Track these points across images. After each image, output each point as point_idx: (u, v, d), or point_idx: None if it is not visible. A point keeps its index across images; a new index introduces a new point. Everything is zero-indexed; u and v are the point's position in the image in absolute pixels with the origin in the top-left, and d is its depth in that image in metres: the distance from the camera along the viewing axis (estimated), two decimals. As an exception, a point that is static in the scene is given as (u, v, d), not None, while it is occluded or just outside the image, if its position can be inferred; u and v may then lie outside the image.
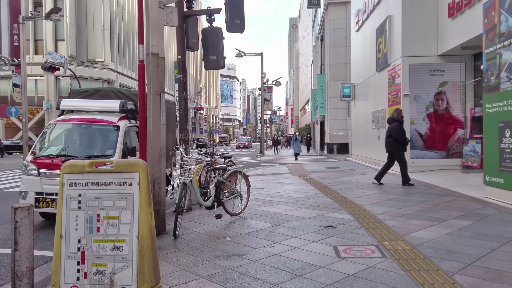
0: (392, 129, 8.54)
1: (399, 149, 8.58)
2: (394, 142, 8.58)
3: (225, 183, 5.51)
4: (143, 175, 2.52)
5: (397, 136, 8.49)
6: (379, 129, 13.50)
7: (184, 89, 6.43)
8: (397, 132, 8.46)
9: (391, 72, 11.90)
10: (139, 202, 2.48)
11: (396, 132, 8.46)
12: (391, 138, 8.61)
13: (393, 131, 8.51)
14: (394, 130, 8.49)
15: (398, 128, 8.48)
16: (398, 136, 8.49)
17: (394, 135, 8.51)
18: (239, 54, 29.48)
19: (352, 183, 9.65)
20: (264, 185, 9.88)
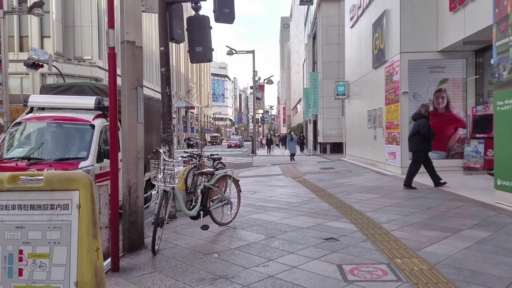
0: (420, 126, 7.79)
1: (423, 148, 7.87)
2: (420, 139, 7.84)
3: (213, 190, 4.90)
4: (85, 194, 1.86)
5: (426, 133, 7.74)
6: (375, 129, 12.98)
7: (167, 84, 5.80)
8: (426, 129, 7.73)
9: (389, 69, 11.38)
10: (78, 233, 1.83)
11: (424, 129, 7.73)
12: (418, 135, 7.87)
13: (421, 127, 7.76)
14: (423, 127, 7.74)
15: (426, 125, 7.77)
16: (427, 133, 7.76)
17: (423, 132, 7.75)
18: (230, 51, 28.82)
19: (350, 185, 9.09)
20: (256, 188, 9.28)
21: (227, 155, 30.30)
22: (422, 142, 7.86)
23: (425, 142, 7.86)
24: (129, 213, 4.22)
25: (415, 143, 7.96)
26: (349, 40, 17.35)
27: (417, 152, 7.97)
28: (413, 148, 8.07)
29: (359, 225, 5.04)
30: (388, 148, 11.53)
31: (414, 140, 7.99)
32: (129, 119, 4.23)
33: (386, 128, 11.66)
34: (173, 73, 69.64)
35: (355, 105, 16.51)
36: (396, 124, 10.78)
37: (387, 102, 11.62)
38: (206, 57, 5.78)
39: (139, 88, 4.37)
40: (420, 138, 7.85)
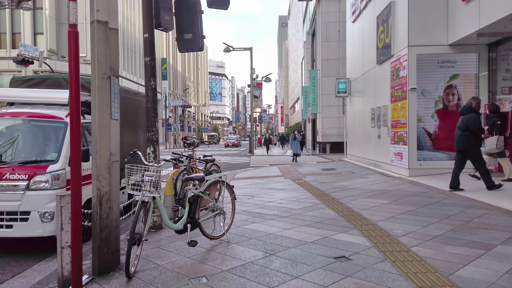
0: (470, 121, 6.98)
1: (476, 145, 7.10)
2: (471, 136, 7.06)
3: (203, 198, 4.18)
4: None
5: (476, 129, 6.97)
6: (379, 128, 12.29)
7: (152, 76, 5.08)
8: (476, 124, 6.96)
9: (395, 64, 10.69)
10: None
11: (475, 124, 6.95)
12: (468, 132, 7.06)
13: (471, 123, 6.96)
14: (473, 122, 6.94)
15: (477, 120, 6.99)
16: (478, 129, 6.99)
17: (472, 128, 6.96)
18: (227, 48, 28.10)
19: (355, 189, 8.40)
20: (253, 192, 8.58)
21: (224, 154, 29.58)
22: (472, 140, 7.05)
23: (476, 139, 7.07)
24: (100, 228, 3.51)
25: (465, 141, 7.11)
26: (351, 35, 16.65)
27: (470, 149, 7.12)
28: (463, 146, 7.20)
29: (372, 239, 4.34)
30: (393, 148, 10.85)
31: (463, 138, 7.13)
32: (100, 115, 3.51)
33: (392, 127, 10.98)
34: (169, 72, 68.81)
35: (357, 103, 15.82)
36: (403, 122, 10.10)
37: (393, 100, 10.93)
38: (196, 45, 5.07)
39: (113, 78, 3.65)
40: (470, 135, 7.05)
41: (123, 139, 6.37)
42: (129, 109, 6.54)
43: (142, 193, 3.51)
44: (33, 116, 4.89)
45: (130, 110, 6.54)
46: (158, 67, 63.06)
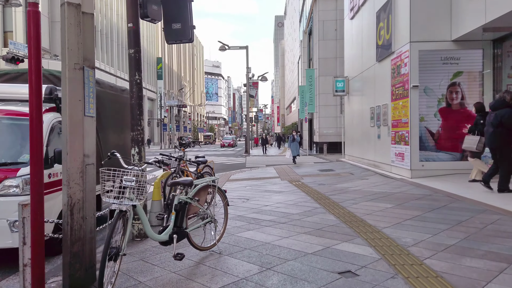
0: (505, 117, 6.47)
1: (509, 143, 6.58)
2: (505, 133, 6.55)
3: (191, 205, 3.74)
4: None
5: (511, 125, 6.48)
6: (379, 127, 11.90)
7: (137, 69, 4.63)
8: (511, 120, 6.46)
9: (396, 61, 10.30)
10: None
11: (510, 120, 6.45)
12: (501, 128, 6.56)
13: (506, 119, 6.46)
14: (508, 118, 6.44)
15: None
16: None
17: (507, 124, 6.47)
18: (222, 47, 27.62)
19: (355, 191, 7.98)
20: (249, 194, 8.14)
21: (220, 155, 29.13)
22: (505, 136, 6.56)
23: (510, 136, 6.56)
24: (71, 241, 3.06)
25: (498, 138, 6.62)
26: (349, 32, 16.25)
27: (500, 148, 6.64)
28: (495, 144, 6.70)
29: (379, 249, 3.92)
30: (394, 148, 10.45)
31: (496, 134, 6.64)
32: (72, 111, 3.06)
33: (393, 126, 10.58)
34: (165, 71, 68.23)
35: (355, 102, 15.43)
36: (404, 122, 9.70)
37: (393, 98, 10.53)
38: (185, 35, 4.62)
39: (87, 69, 3.20)
40: (504, 132, 6.57)
41: (108, 139, 5.94)
42: (115, 106, 6.09)
43: (120, 201, 3.06)
44: (5, 114, 4.43)
45: (115, 108, 6.09)
46: (151, 63, 62.41)
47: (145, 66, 60.30)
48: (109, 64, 46.17)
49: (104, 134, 5.69)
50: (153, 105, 62.76)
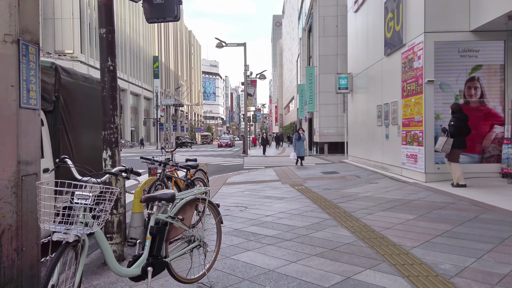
0: None
1: None
2: None
3: (173, 226, 2.86)
4: None
5: None
6: (387, 126, 11.05)
7: (110, 53, 3.75)
8: None
9: (407, 54, 9.44)
10: None
11: None
12: None
13: None
14: None
15: None
16: None
17: None
18: (219, 44, 26.73)
19: (367, 198, 7.12)
20: (247, 201, 7.27)
21: (216, 155, 28.24)
22: None
23: None
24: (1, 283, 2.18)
25: None
26: (353, 26, 15.39)
27: None
28: None
29: (416, 281, 3.05)
30: (405, 149, 9.60)
31: None
32: (1, 101, 2.18)
33: (404, 125, 9.73)
34: (161, 70, 67.30)
35: (360, 100, 14.57)
36: (417, 120, 8.85)
37: (404, 95, 9.68)
38: (169, 12, 3.74)
39: (26, 43, 2.32)
40: None
41: (81, 141, 5.03)
42: (91, 101, 5.19)
43: (66, 228, 2.16)
44: None
45: (91, 103, 5.19)
46: (147, 62, 61.35)
47: (141, 64, 59.28)
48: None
49: (76, 135, 4.80)
50: (149, 105, 61.77)
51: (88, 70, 40.53)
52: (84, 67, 39.94)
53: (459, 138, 7.33)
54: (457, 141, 7.31)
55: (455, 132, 7.33)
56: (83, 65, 39.69)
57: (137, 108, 57.86)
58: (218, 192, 8.72)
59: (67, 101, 4.59)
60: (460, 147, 7.36)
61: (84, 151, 4.94)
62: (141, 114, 57.27)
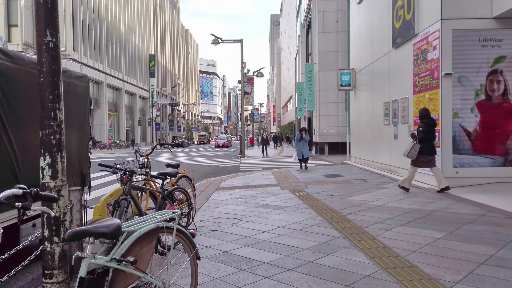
0: None
1: None
2: None
3: (120, 273, 1.88)
4: None
5: None
6: (396, 125, 10.10)
7: (50, 26, 2.77)
8: None
9: (420, 45, 8.50)
10: None
11: None
12: None
13: None
14: None
15: None
16: None
17: None
18: (215, 40, 25.73)
19: (379, 208, 6.15)
20: (241, 211, 6.29)
21: (212, 156, 27.26)
22: None
23: None
24: None
25: None
26: (356, 18, 14.43)
27: None
28: None
29: None
30: (418, 150, 8.64)
31: None
32: None
33: (416, 124, 8.78)
34: (158, 69, 66.22)
35: (364, 97, 13.62)
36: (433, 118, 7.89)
37: (416, 90, 8.73)
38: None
39: None
40: None
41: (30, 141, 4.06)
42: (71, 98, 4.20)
43: None
44: None
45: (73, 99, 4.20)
46: (143, 60, 60.23)
47: (137, 63, 58.19)
48: (97, 61, 44.10)
49: (22, 135, 3.81)
50: (145, 104, 60.71)
51: (81, 69, 39.45)
52: (77, 65, 38.86)
53: (428, 144, 7.07)
54: (426, 148, 7.06)
55: (424, 139, 7.05)
56: (76, 63, 38.61)
57: (133, 108, 56.76)
58: (209, 200, 7.75)
59: (7, 92, 3.61)
60: (430, 153, 7.08)
61: (33, 154, 3.94)
62: (137, 114, 56.19)
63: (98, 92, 44.79)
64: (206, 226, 5.36)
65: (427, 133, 7.03)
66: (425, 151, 7.07)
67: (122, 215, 3.41)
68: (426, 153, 7.08)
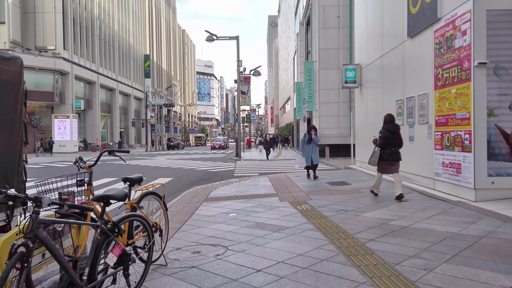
0: None
1: None
2: None
3: None
4: None
5: None
6: (412, 126, 8.81)
7: None
8: None
9: (444, 31, 7.20)
10: None
11: None
12: None
13: None
14: None
15: None
16: None
17: None
18: (210, 37, 24.40)
19: (407, 232, 4.82)
20: (230, 234, 4.95)
21: (207, 159, 25.89)
22: None
23: None
24: None
25: None
26: (362, 8, 13.14)
27: None
28: None
29: None
30: (441, 156, 7.35)
31: None
32: None
33: (437, 124, 7.49)
34: (153, 69, 64.82)
35: (371, 95, 12.32)
36: (461, 117, 6.60)
37: (439, 84, 7.43)
38: None
39: None
40: None
41: None
42: None
43: None
44: None
45: None
46: (137, 60, 58.73)
47: (131, 63, 56.77)
48: (89, 60, 42.67)
49: None
50: (140, 105, 59.26)
51: (72, 68, 38.07)
52: (68, 64, 37.46)
53: (389, 150, 7.05)
54: (386, 154, 7.06)
55: (383, 144, 7.06)
56: (66, 62, 37.19)
57: (127, 109, 55.35)
58: (194, 215, 6.41)
59: None
60: (390, 159, 7.05)
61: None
62: (131, 115, 54.76)
63: (90, 92, 43.35)
64: (182, 259, 4.02)
65: (387, 139, 7.04)
66: (385, 157, 7.07)
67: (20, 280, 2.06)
68: (386, 159, 7.07)
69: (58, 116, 36.76)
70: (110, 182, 12.00)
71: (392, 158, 7.07)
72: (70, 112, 37.48)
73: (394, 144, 7.08)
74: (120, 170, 16.67)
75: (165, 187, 4.45)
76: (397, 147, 7.16)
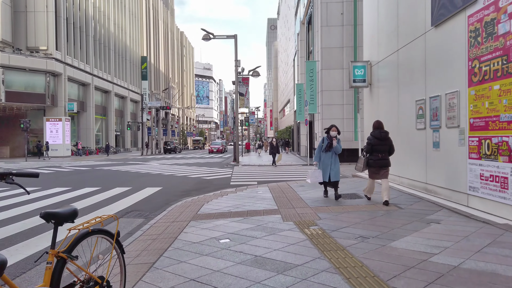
0: None
1: None
2: None
3: None
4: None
5: None
6: (437, 130, 7.52)
7: None
8: None
9: (483, 15, 5.94)
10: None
11: None
12: None
13: None
14: None
15: None
16: None
17: None
18: (206, 35, 23.16)
19: (460, 275, 3.52)
20: (217, 278, 3.64)
21: (203, 164, 24.57)
22: None
23: None
24: None
25: None
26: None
27: None
28: None
29: None
30: (479, 166, 6.06)
31: None
32: None
33: (474, 128, 6.20)
34: (150, 71, 63.59)
35: (384, 94, 11.05)
36: (509, 119, 5.32)
37: (475, 80, 6.15)
38: None
39: None
40: None
41: None
42: None
43: None
44: None
45: None
46: (134, 62, 57.45)
47: (128, 65, 55.51)
48: (83, 61, 41.40)
49: None
50: (137, 108, 57.96)
51: (64, 69, 36.79)
52: (60, 65, 36.18)
53: (375, 157, 7.11)
54: (372, 160, 7.13)
55: (369, 151, 7.16)
56: (58, 63, 35.92)
57: (123, 111, 54.06)
58: (175, 241, 5.11)
59: None
60: (375, 165, 7.12)
61: None
62: (127, 118, 53.45)
63: (84, 95, 42.05)
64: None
65: (372, 145, 7.10)
66: (371, 163, 7.16)
67: None
68: (372, 165, 7.15)
69: (50, 119, 35.44)
70: (91, 192, 10.66)
71: (378, 165, 7.08)
72: (62, 114, 36.18)
73: (380, 150, 7.06)
74: (105, 177, 15.35)
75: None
76: (385, 153, 7.10)
